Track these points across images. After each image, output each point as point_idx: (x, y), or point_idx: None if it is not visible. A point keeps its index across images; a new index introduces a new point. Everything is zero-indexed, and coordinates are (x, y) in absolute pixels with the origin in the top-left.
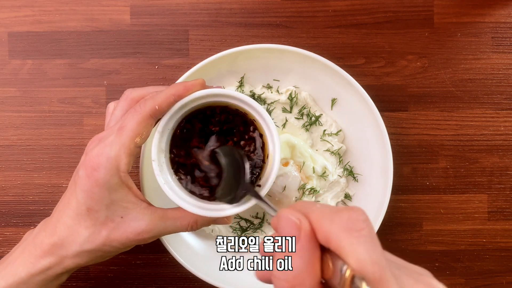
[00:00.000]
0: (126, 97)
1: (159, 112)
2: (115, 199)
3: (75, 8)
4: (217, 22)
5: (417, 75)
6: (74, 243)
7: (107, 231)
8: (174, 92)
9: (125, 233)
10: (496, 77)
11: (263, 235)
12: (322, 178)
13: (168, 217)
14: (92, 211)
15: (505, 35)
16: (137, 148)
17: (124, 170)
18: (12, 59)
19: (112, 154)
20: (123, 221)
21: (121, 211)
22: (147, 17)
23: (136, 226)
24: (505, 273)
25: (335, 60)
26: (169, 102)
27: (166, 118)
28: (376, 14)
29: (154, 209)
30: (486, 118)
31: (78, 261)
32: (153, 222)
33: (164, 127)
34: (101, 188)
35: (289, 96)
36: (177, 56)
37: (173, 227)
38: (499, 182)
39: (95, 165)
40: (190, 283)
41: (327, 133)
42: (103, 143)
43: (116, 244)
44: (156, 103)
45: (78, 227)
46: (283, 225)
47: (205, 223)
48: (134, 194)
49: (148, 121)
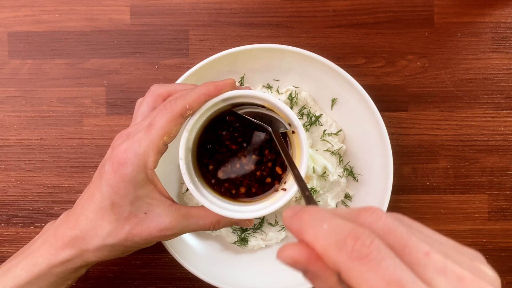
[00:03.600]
0: (152, 93)
1: (190, 111)
2: (140, 195)
3: (75, 8)
4: (217, 22)
5: (417, 75)
6: (96, 237)
7: (130, 226)
8: (206, 92)
9: (148, 229)
10: (496, 77)
11: (263, 235)
12: (322, 178)
13: (192, 215)
14: (116, 205)
15: (505, 35)
16: (165, 146)
17: (151, 167)
18: (12, 59)
19: (141, 150)
20: (147, 217)
21: (145, 207)
22: (147, 17)
23: (159, 222)
24: (505, 273)
25: (335, 60)
26: (200, 102)
27: (195, 117)
28: (376, 14)
29: (178, 206)
30: (486, 118)
31: (99, 255)
32: (176, 220)
33: (193, 126)
34: (127, 183)
35: (289, 96)
36: (177, 56)
37: (196, 225)
38: (500, 182)
39: (122, 160)
40: (190, 283)
41: (327, 133)
42: (131, 139)
43: (138, 239)
44: (187, 102)
45: (101, 221)
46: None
47: (227, 223)
48: (159, 191)
49: (178, 120)
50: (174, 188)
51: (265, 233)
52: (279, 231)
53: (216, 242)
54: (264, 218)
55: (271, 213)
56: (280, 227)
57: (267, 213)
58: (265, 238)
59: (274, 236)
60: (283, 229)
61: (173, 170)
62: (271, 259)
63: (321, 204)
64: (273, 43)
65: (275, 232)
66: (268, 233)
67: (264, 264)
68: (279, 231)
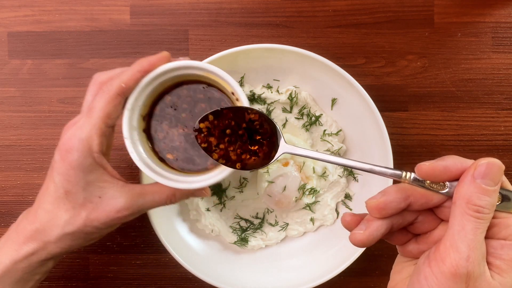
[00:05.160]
0: (95, 81)
1: (127, 89)
2: (91, 180)
3: (75, 8)
4: (217, 22)
5: (417, 75)
6: (55, 227)
7: (87, 211)
8: (140, 68)
9: (104, 211)
10: (496, 77)
11: (263, 235)
12: (322, 178)
13: (146, 192)
14: (70, 193)
15: (505, 35)
16: (109, 128)
17: (97, 151)
18: (11, 59)
19: (84, 135)
20: (102, 201)
21: (98, 191)
22: (147, 17)
23: (115, 204)
24: None
25: (335, 60)
26: (136, 79)
27: (134, 95)
28: (376, 14)
29: (131, 186)
30: (486, 118)
31: (62, 245)
32: (131, 199)
33: (134, 104)
34: (76, 170)
35: (289, 96)
36: (177, 56)
37: (152, 201)
38: None
39: (68, 147)
40: (190, 283)
41: (327, 133)
42: (74, 126)
43: (97, 224)
44: (122, 81)
45: (57, 210)
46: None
47: (183, 195)
48: (109, 173)
49: (116, 100)
50: None
51: (265, 233)
52: (279, 231)
53: (216, 242)
54: (264, 218)
55: (271, 213)
56: (280, 227)
57: (221, 179)
58: (265, 238)
59: (274, 236)
60: (283, 229)
61: None
62: (271, 259)
63: (321, 204)
64: (273, 43)
65: (275, 232)
66: (268, 233)
67: (264, 264)
68: (279, 231)
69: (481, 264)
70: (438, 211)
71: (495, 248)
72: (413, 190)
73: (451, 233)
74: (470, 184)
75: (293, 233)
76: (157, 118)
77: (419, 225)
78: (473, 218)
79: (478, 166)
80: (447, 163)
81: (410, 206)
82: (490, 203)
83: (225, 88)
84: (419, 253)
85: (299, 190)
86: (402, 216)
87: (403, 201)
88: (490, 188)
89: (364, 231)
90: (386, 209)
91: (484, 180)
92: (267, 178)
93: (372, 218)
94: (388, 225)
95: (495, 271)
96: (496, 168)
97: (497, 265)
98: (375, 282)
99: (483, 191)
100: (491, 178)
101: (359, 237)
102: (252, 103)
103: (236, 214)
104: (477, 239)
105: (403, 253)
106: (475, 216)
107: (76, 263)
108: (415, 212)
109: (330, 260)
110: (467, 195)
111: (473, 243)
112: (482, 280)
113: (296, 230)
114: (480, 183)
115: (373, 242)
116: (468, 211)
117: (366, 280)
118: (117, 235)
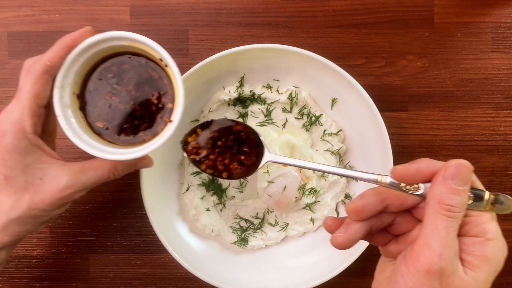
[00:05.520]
0: (25, 67)
1: (52, 67)
2: (29, 163)
3: (75, 8)
4: (217, 22)
5: (417, 75)
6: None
7: (30, 194)
8: (63, 45)
9: (48, 192)
10: (496, 77)
11: (263, 235)
12: (322, 178)
13: (87, 168)
14: (9, 178)
15: (505, 35)
16: (41, 108)
17: (30, 132)
18: (12, 59)
19: (15, 118)
20: (43, 182)
21: (38, 173)
22: (147, 17)
23: (57, 183)
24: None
25: (335, 60)
26: (60, 55)
27: (61, 72)
28: (376, 14)
29: (71, 164)
30: (486, 118)
31: (11, 233)
32: (73, 177)
33: (63, 81)
34: (11, 153)
35: (289, 96)
36: (177, 56)
37: (95, 177)
38: (500, 182)
39: (1, 132)
40: (190, 283)
41: (327, 133)
42: (4, 111)
43: (42, 206)
44: (46, 59)
45: (0, 197)
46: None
47: (125, 167)
48: (48, 154)
49: (43, 78)
50: (174, 188)
51: (265, 233)
52: (279, 231)
53: (216, 242)
54: (264, 218)
55: (271, 213)
56: (280, 227)
57: (160, 144)
58: (265, 238)
59: (274, 236)
60: (283, 229)
61: (173, 170)
62: (271, 259)
63: (321, 204)
64: (273, 43)
65: (275, 232)
66: (268, 233)
67: (264, 264)
68: (279, 231)
69: (454, 261)
70: (414, 212)
71: (468, 245)
72: (389, 192)
73: (425, 232)
74: (441, 185)
75: (293, 233)
76: (90, 95)
77: (398, 226)
78: (444, 217)
79: (448, 167)
80: (420, 165)
81: (387, 208)
82: (461, 202)
83: (153, 56)
84: (399, 253)
85: (299, 190)
86: (380, 218)
87: (379, 204)
88: (460, 188)
89: (344, 234)
90: (364, 212)
91: (454, 180)
92: (267, 178)
93: (351, 221)
94: (367, 227)
95: (468, 267)
96: (464, 169)
97: (470, 261)
98: None
99: (453, 191)
100: (460, 178)
101: (339, 239)
102: (252, 103)
103: (236, 214)
104: (449, 237)
105: (385, 253)
106: (446, 215)
107: (76, 263)
108: (393, 214)
109: (330, 260)
110: (439, 196)
111: (445, 241)
112: (455, 276)
113: (296, 230)
114: (451, 184)
115: (353, 244)
116: (440, 211)
117: (366, 280)
118: (117, 235)
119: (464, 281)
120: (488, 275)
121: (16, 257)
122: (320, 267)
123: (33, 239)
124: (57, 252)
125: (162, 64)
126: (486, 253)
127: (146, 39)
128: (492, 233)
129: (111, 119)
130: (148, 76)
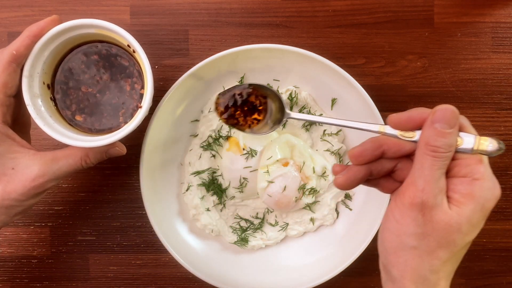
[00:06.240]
0: None
1: (19, 56)
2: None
3: (75, 8)
4: (217, 22)
5: (417, 75)
6: None
7: (2, 185)
8: (29, 34)
9: (20, 182)
10: (496, 77)
11: (263, 235)
12: (322, 178)
13: (59, 157)
14: None
15: (505, 35)
16: (10, 98)
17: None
18: None
19: None
20: (15, 172)
21: (10, 163)
22: (147, 17)
23: (29, 172)
24: (505, 273)
25: (335, 60)
26: (26, 44)
27: (29, 61)
28: (376, 14)
29: (43, 153)
30: (486, 118)
31: None
32: (45, 165)
33: (31, 70)
34: None
35: (289, 96)
36: (177, 56)
37: (67, 165)
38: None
39: None
40: (190, 283)
41: (327, 133)
42: None
43: (15, 196)
44: (12, 48)
45: None
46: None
47: (97, 154)
48: (18, 144)
49: (10, 67)
50: (174, 188)
51: (265, 233)
52: (279, 231)
53: (216, 242)
54: (264, 218)
55: (271, 213)
56: (280, 227)
57: (130, 130)
58: (265, 238)
59: (274, 236)
60: (283, 229)
61: (173, 170)
62: (271, 259)
63: (321, 204)
64: (273, 43)
65: (275, 232)
66: (268, 233)
67: (264, 264)
68: (279, 231)
69: (438, 197)
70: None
71: (455, 184)
72: (387, 139)
73: (412, 171)
74: (429, 128)
75: (293, 233)
76: (60, 84)
77: (400, 172)
78: (429, 157)
79: (435, 112)
80: (412, 113)
81: (385, 153)
82: (446, 143)
83: (121, 42)
84: None
85: (299, 190)
86: (381, 164)
87: (377, 149)
88: (446, 130)
89: (344, 175)
90: (363, 156)
91: (439, 124)
92: (267, 178)
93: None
94: (366, 171)
95: (453, 203)
96: (449, 112)
97: (455, 198)
98: (375, 282)
99: (439, 133)
100: (445, 121)
101: (339, 180)
102: None
103: (236, 214)
104: (433, 174)
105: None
106: (431, 155)
107: (76, 263)
108: (393, 160)
109: (330, 260)
110: (426, 138)
111: (428, 178)
112: (439, 210)
113: (296, 230)
114: (437, 127)
115: (353, 184)
116: (426, 151)
117: (366, 280)
118: (117, 235)
119: (447, 215)
120: (473, 212)
121: (16, 257)
122: (320, 267)
123: (33, 239)
124: (57, 252)
125: (130, 50)
126: (472, 191)
127: (111, 25)
128: (480, 173)
129: (84, 107)
130: (118, 63)
